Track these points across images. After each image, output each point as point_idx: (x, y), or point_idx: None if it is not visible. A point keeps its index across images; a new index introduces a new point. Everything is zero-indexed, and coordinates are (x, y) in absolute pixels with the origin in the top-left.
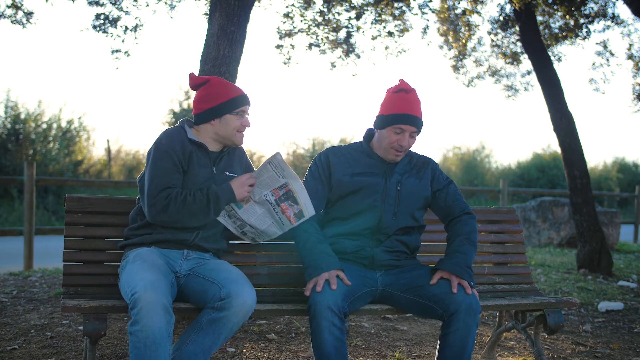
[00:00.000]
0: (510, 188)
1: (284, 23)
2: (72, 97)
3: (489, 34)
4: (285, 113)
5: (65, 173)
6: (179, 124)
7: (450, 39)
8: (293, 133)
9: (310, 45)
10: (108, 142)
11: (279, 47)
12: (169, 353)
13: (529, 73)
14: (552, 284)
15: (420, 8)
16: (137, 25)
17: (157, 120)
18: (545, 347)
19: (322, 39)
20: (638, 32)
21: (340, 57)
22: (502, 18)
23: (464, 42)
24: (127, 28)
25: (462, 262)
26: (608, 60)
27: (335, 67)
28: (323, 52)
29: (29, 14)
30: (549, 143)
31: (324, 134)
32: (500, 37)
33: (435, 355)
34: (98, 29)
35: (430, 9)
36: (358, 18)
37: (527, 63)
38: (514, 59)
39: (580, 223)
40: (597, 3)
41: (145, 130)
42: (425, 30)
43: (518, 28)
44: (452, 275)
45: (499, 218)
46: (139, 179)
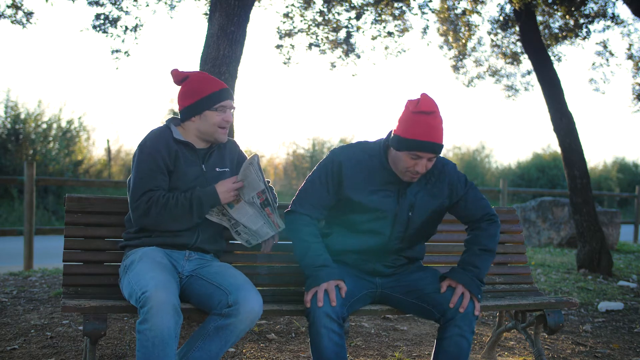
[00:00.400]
0: (510, 188)
1: (284, 23)
2: (72, 97)
3: (489, 34)
4: (285, 113)
5: (65, 173)
6: (165, 123)
7: (450, 39)
8: (293, 133)
9: (310, 45)
10: (108, 142)
11: (279, 47)
12: (175, 353)
13: (529, 73)
14: (552, 284)
15: (420, 8)
16: (137, 25)
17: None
18: (545, 347)
19: (322, 39)
20: (638, 32)
21: (340, 57)
22: (502, 18)
23: (464, 42)
24: (127, 28)
25: (474, 274)
26: (608, 60)
27: (335, 67)
28: (323, 52)
29: (29, 14)
30: (549, 143)
31: (324, 134)
32: (500, 37)
33: (431, 358)
34: (98, 29)
35: (430, 9)
36: (358, 18)
37: (527, 63)
38: (514, 59)
39: (580, 223)
40: (597, 3)
41: (145, 131)
42: (425, 30)
43: (518, 28)
44: (458, 285)
45: (499, 218)
46: (127, 182)
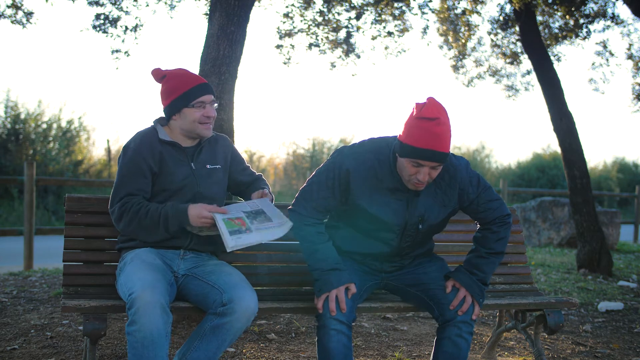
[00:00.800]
0: (510, 188)
1: (284, 23)
2: (72, 97)
3: (489, 34)
4: (285, 113)
5: (65, 173)
6: (152, 124)
7: (450, 39)
8: (293, 133)
9: (310, 45)
10: (108, 142)
11: (279, 47)
12: (167, 352)
13: (529, 73)
14: (552, 284)
15: (420, 8)
16: (137, 25)
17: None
18: (545, 347)
19: (322, 39)
20: (638, 32)
21: (340, 57)
22: (502, 18)
23: (464, 42)
24: (127, 28)
25: (478, 279)
26: (608, 60)
27: (335, 67)
28: (323, 52)
29: (29, 14)
30: (549, 143)
31: (324, 134)
32: (500, 37)
33: (430, 358)
34: (98, 29)
35: (430, 9)
36: (358, 18)
37: (527, 63)
38: (514, 59)
39: (580, 223)
40: (597, 3)
41: None
42: (425, 30)
43: (518, 28)
44: (462, 287)
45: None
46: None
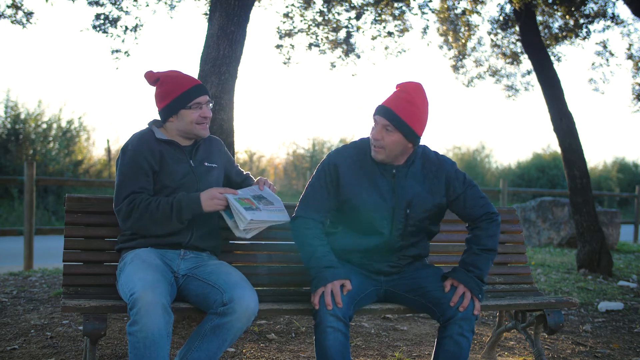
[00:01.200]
0: (510, 188)
1: (284, 23)
2: (72, 97)
3: (489, 34)
4: (285, 113)
5: (65, 173)
6: (147, 126)
7: (450, 39)
8: (293, 133)
9: (310, 45)
10: (108, 142)
11: (279, 47)
12: (168, 353)
13: (529, 73)
14: (552, 284)
15: (420, 8)
16: (137, 25)
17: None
18: (545, 347)
19: (322, 39)
20: (638, 32)
21: (340, 57)
22: (502, 18)
23: (464, 42)
24: (127, 28)
25: (475, 275)
26: (608, 60)
27: (335, 67)
28: (323, 52)
29: (29, 14)
30: (549, 143)
31: (324, 134)
32: (500, 37)
33: (432, 357)
34: (98, 29)
35: (430, 9)
36: (358, 18)
37: (527, 63)
38: (514, 59)
39: (580, 223)
40: (597, 3)
41: None
42: (425, 30)
43: (518, 28)
44: (460, 285)
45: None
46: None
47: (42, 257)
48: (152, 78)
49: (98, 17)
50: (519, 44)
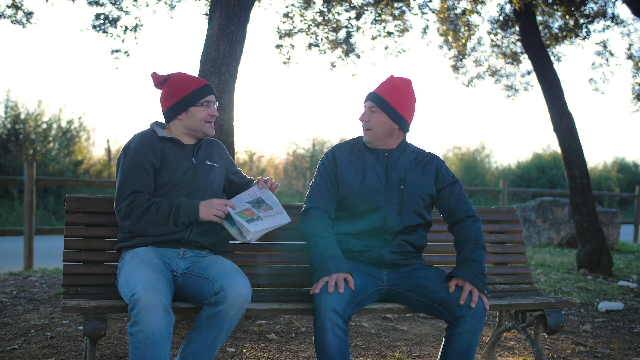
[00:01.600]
0: (510, 188)
1: (284, 23)
2: (72, 97)
3: (489, 34)
4: (285, 113)
5: (65, 173)
6: (149, 127)
7: (450, 39)
8: (293, 133)
9: (310, 45)
10: (108, 142)
11: (279, 47)
12: (169, 353)
13: (529, 73)
14: (552, 284)
15: (420, 8)
16: (137, 25)
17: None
18: (545, 347)
19: (321, 39)
20: (638, 32)
21: (340, 57)
22: (502, 18)
23: (464, 42)
24: (127, 28)
25: (477, 270)
26: (608, 60)
27: (335, 67)
28: (323, 52)
29: (29, 14)
30: (549, 143)
31: (324, 134)
32: (500, 37)
33: (439, 355)
34: (98, 29)
35: (430, 9)
36: (358, 18)
37: (527, 63)
38: (514, 59)
39: (580, 223)
40: (597, 3)
41: None
42: (425, 30)
43: (518, 28)
44: (465, 282)
45: (499, 218)
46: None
47: (42, 257)
48: (159, 79)
49: (98, 17)
50: (519, 44)
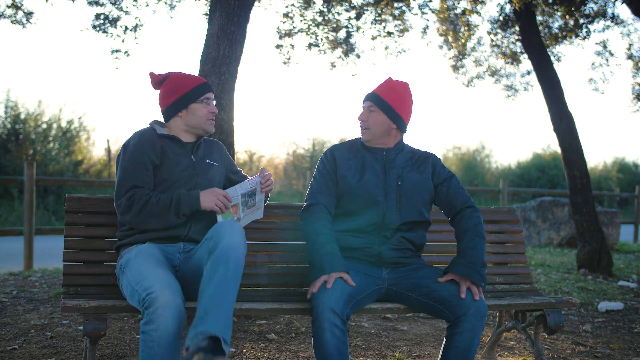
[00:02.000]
0: (510, 188)
1: (284, 23)
2: (72, 97)
3: (489, 34)
4: (285, 113)
5: (65, 173)
6: (149, 125)
7: (450, 39)
8: (293, 133)
9: (310, 45)
10: (108, 142)
11: (279, 47)
12: (180, 353)
13: (529, 73)
14: (552, 284)
15: (420, 8)
16: (137, 25)
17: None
18: (545, 347)
19: (321, 39)
20: (638, 32)
21: (340, 57)
22: (502, 18)
23: (464, 42)
24: (127, 28)
25: (474, 261)
26: (607, 60)
27: (335, 67)
28: (323, 52)
29: (29, 14)
30: (549, 143)
31: (324, 134)
32: (500, 37)
33: (440, 354)
34: (98, 29)
35: (430, 9)
36: (358, 18)
37: (527, 63)
38: (514, 59)
39: (580, 223)
40: (597, 3)
41: None
42: (425, 30)
43: (518, 28)
44: (462, 279)
45: (499, 218)
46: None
47: (42, 257)
48: (157, 78)
49: (98, 17)
50: (519, 44)
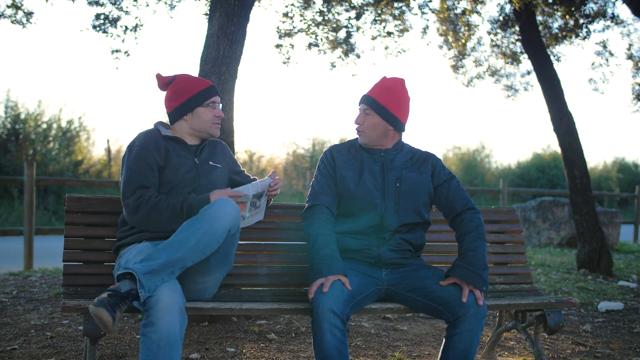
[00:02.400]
0: (510, 188)
1: (284, 23)
2: (72, 97)
3: (489, 34)
4: (285, 113)
5: (65, 173)
6: (154, 126)
7: (450, 39)
8: (293, 133)
9: (310, 45)
10: (108, 142)
11: (279, 46)
12: (180, 355)
13: (529, 73)
14: (552, 284)
15: (420, 8)
16: (137, 25)
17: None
18: (545, 347)
19: (321, 39)
20: (638, 32)
21: (340, 57)
22: (502, 18)
23: (464, 42)
24: (127, 28)
25: (475, 264)
26: (607, 60)
27: (335, 67)
28: (323, 52)
29: (29, 14)
30: (549, 143)
31: (324, 134)
32: (500, 37)
33: (439, 355)
34: (98, 29)
35: (430, 9)
36: (358, 18)
37: (527, 63)
38: (514, 59)
39: (580, 223)
40: (596, 3)
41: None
42: (425, 30)
43: (518, 28)
44: (463, 282)
45: (499, 218)
46: (119, 183)
47: (42, 257)
48: (164, 80)
49: (98, 17)
50: (519, 44)
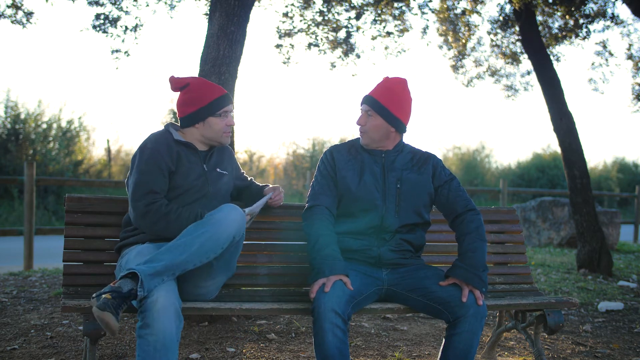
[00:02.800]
0: (510, 188)
1: (284, 23)
2: (72, 97)
3: (489, 34)
4: (285, 113)
5: (65, 173)
6: (164, 128)
7: (450, 39)
8: (293, 133)
9: (310, 45)
10: (108, 142)
11: (279, 46)
12: (177, 357)
13: (529, 73)
14: (552, 284)
15: (420, 8)
16: (137, 25)
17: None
18: (545, 347)
19: (321, 39)
20: (638, 32)
21: (340, 57)
22: (501, 18)
23: (464, 42)
24: (127, 28)
25: (475, 264)
26: (607, 60)
27: (335, 67)
28: (323, 52)
29: (29, 14)
30: (549, 143)
31: (324, 134)
32: (500, 37)
33: (439, 355)
34: (98, 29)
35: (430, 9)
36: (358, 18)
37: (526, 63)
38: (514, 59)
39: (580, 223)
40: (596, 3)
41: (145, 131)
42: (425, 30)
43: (518, 28)
44: (463, 283)
45: (499, 218)
46: (126, 182)
47: (42, 257)
48: (178, 84)
49: (98, 17)
50: (519, 44)
